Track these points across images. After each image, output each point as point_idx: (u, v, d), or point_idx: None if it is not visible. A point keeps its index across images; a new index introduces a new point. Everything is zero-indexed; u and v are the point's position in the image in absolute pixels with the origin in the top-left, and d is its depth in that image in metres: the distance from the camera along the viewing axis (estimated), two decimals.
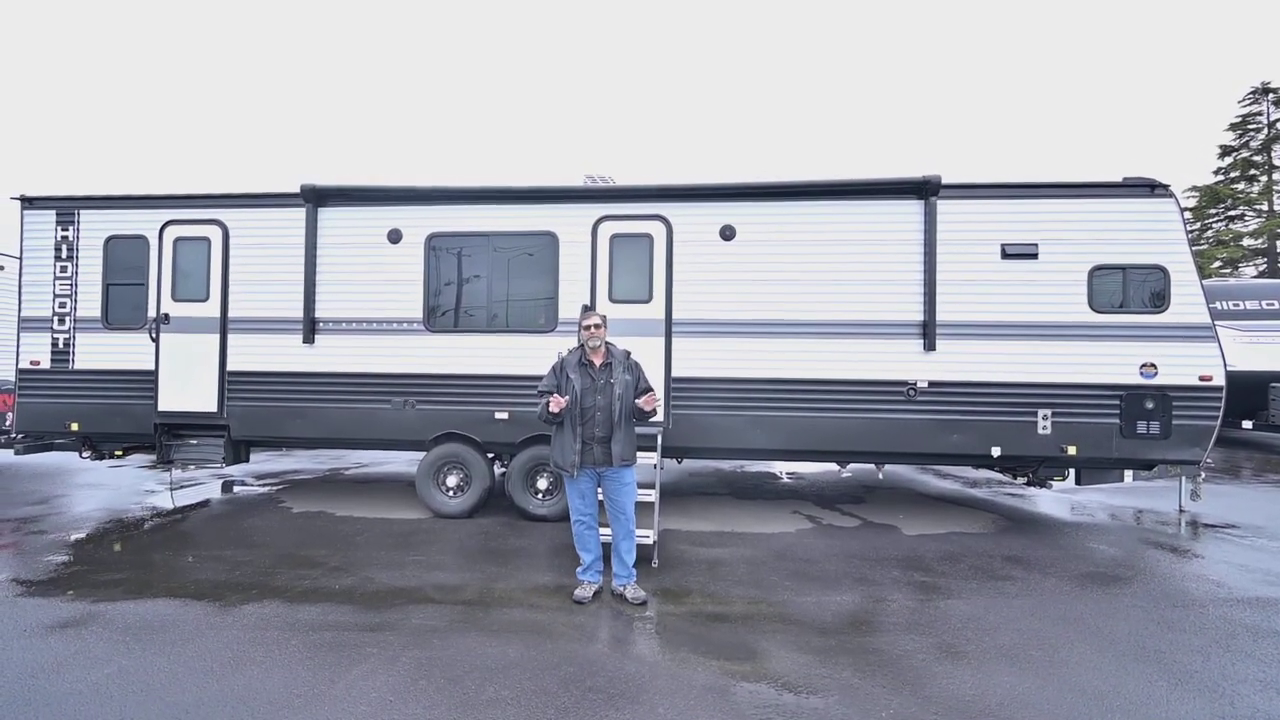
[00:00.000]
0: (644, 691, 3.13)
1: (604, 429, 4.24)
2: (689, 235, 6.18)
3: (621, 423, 4.24)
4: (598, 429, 4.24)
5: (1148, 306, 5.80)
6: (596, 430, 4.24)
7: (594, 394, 4.25)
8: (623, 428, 4.25)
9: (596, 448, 4.25)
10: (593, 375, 4.28)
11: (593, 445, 4.25)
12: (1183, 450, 5.78)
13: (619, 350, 4.44)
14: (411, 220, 6.44)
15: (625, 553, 4.38)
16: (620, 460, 4.25)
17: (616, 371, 4.29)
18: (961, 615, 4.14)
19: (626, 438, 4.28)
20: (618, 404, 4.22)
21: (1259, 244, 26.13)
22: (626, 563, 4.37)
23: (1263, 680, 3.35)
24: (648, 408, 4.23)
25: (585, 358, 4.34)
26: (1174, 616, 4.17)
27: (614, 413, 4.22)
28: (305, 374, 6.48)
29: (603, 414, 4.23)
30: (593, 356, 4.33)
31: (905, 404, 5.96)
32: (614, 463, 4.24)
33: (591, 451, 4.25)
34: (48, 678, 3.21)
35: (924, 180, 5.85)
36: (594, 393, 4.25)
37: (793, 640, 3.75)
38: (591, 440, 4.25)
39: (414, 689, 3.13)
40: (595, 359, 4.32)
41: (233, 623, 3.90)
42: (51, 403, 6.77)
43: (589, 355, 4.34)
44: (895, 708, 3.03)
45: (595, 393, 4.25)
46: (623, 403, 4.23)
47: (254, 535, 5.86)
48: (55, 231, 6.80)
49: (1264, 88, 25.91)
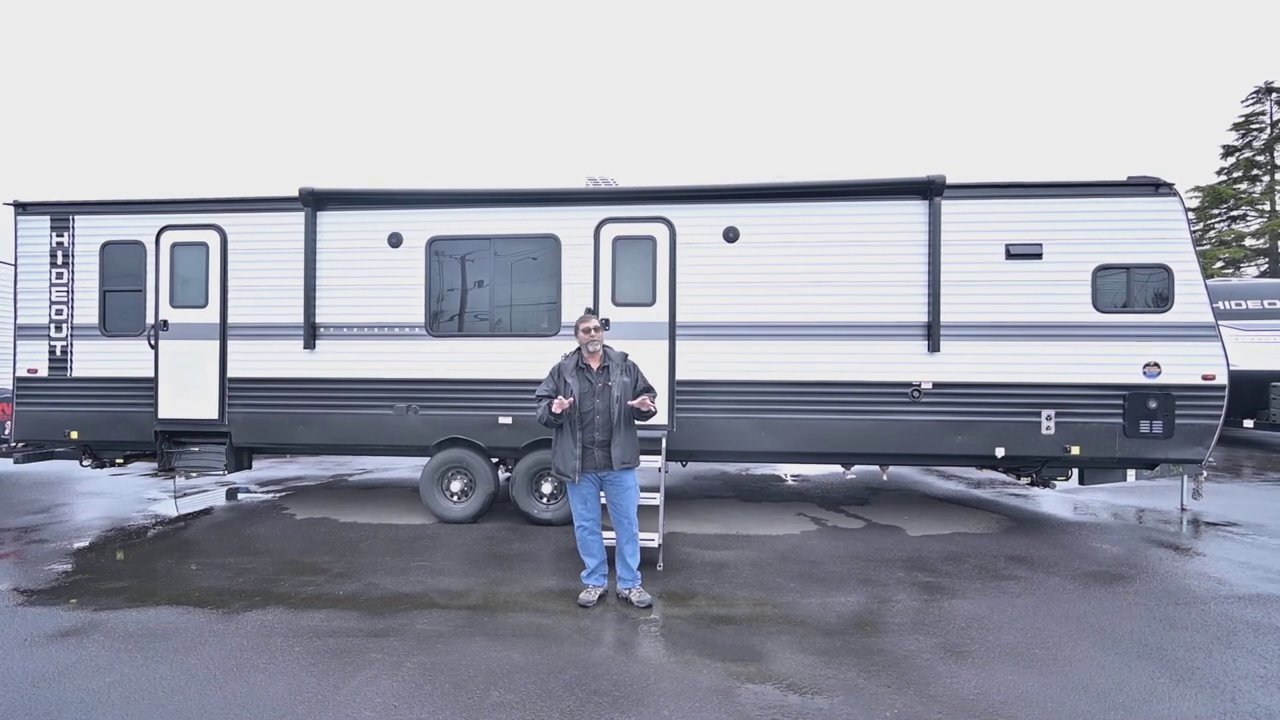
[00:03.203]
0: (649, 694, 3.13)
1: (603, 432, 4.22)
2: (692, 237, 6.18)
3: (620, 425, 4.23)
4: (597, 433, 4.22)
5: (1151, 306, 5.81)
6: (596, 434, 4.22)
7: (592, 397, 4.23)
8: (622, 430, 4.24)
9: (597, 451, 4.23)
10: (590, 379, 4.27)
11: (593, 449, 4.23)
12: (1185, 449, 5.77)
13: (616, 353, 4.44)
14: (412, 224, 6.44)
15: (629, 556, 4.37)
16: (621, 463, 4.23)
17: (614, 374, 4.29)
18: (965, 615, 4.14)
19: (626, 440, 4.27)
20: (616, 406, 4.21)
21: (1261, 244, 26.18)
22: (631, 566, 4.36)
23: (1264, 676, 3.35)
24: (643, 408, 4.21)
25: (582, 361, 4.33)
26: (1176, 614, 4.17)
27: (612, 415, 4.21)
28: (306, 380, 6.47)
29: (601, 417, 4.22)
30: (590, 360, 4.32)
31: (909, 406, 5.96)
32: (614, 466, 4.22)
33: (592, 456, 4.23)
34: (49, 686, 3.20)
35: (928, 180, 5.85)
36: (592, 396, 4.23)
37: (798, 641, 3.74)
38: (591, 444, 4.23)
39: (418, 694, 3.12)
40: (593, 362, 4.32)
41: (236, 630, 3.89)
42: (50, 411, 6.76)
43: (586, 359, 4.33)
44: (900, 707, 3.03)
45: (593, 396, 4.23)
46: (621, 405, 4.22)
47: (257, 542, 5.85)
48: (50, 237, 6.77)
49: (1267, 87, 25.97)
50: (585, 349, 4.33)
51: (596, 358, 4.33)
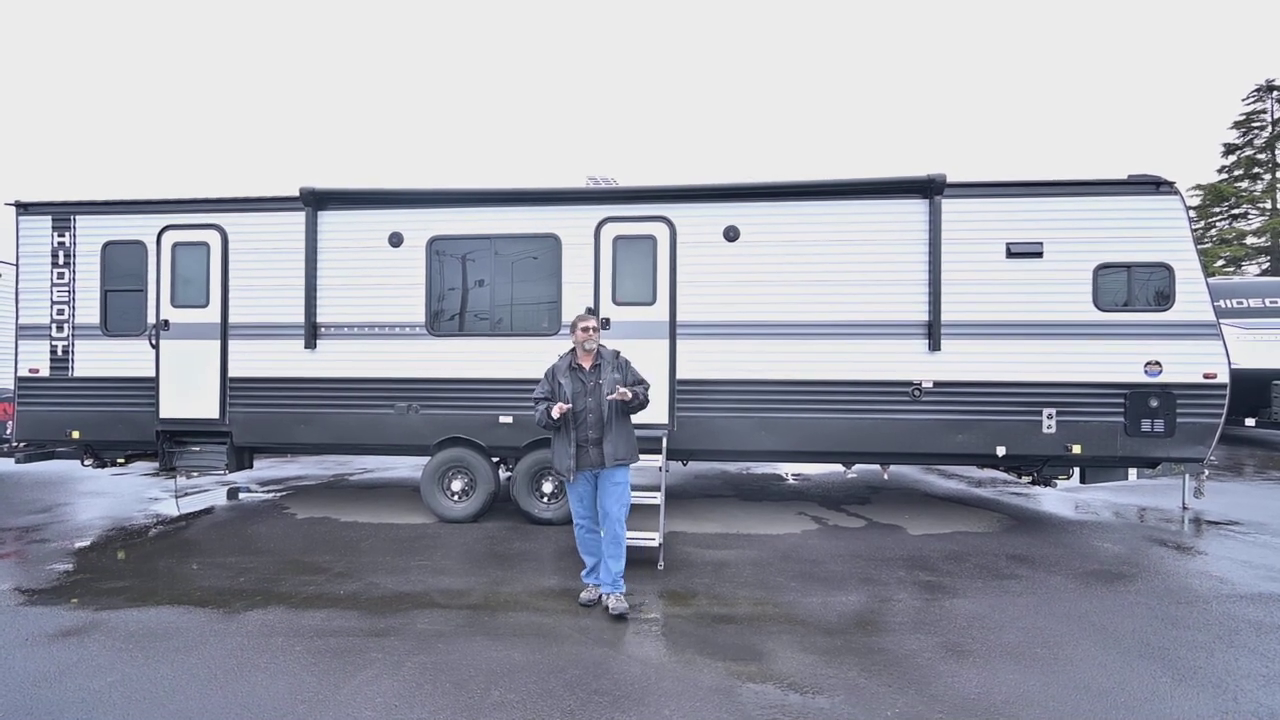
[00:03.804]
0: (650, 693, 3.13)
1: (595, 430, 4.22)
2: (693, 236, 6.18)
3: (612, 422, 4.22)
4: (590, 431, 4.22)
5: (1153, 304, 5.80)
6: (589, 432, 4.22)
7: (584, 396, 4.23)
8: (614, 427, 4.22)
9: (591, 449, 4.22)
10: (582, 378, 4.27)
11: (587, 448, 4.22)
12: (1187, 448, 5.77)
13: (608, 351, 4.44)
14: (412, 223, 6.44)
15: (610, 558, 4.24)
16: (614, 460, 4.20)
17: (605, 371, 4.29)
18: (966, 614, 4.14)
19: (618, 436, 4.24)
20: (607, 404, 4.21)
21: (1262, 242, 26.10)
22: (611, 569, 4.23)
23: (1266, 675, 3.35)
24: (621, 399, 4.13)
25: (575, 361, 4.34)
26: (1177, 613, 4.17)
27: (604, 412, 4.21)
28: (307, 379, 6.47)
29: (593, 415, 4.22)
30: (583, 360, 4.32)
31: (910, 404, 5.95)
32: (607, 463, 4.21)
33: (586, 454, 4.23)
34: (50, 686, 3.21)
35: (929, 179, 5.85)
36: (584, 395, 4.23)
37: (798, 641, 3.74)
38: (585, 443, 4.22)
39: (419, 693, 3.12)
40: (585, 362, 4.32)
41: (236, 629, 3.89)
42: (51, 411, 6.76)
43: (579, 359, 4.34)
44: (901, 707, 3.02)
45: (585, 395, 4.23)
46: (613, 403, 4.21)
47: (258, 541, 5.85)
48: (51, 238, 6.78)
49: (1268, 85, 25.88)
50: (580, 348, 4.33)
51: (589, 357, 4.33)
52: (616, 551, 4.25)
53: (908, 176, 5.96)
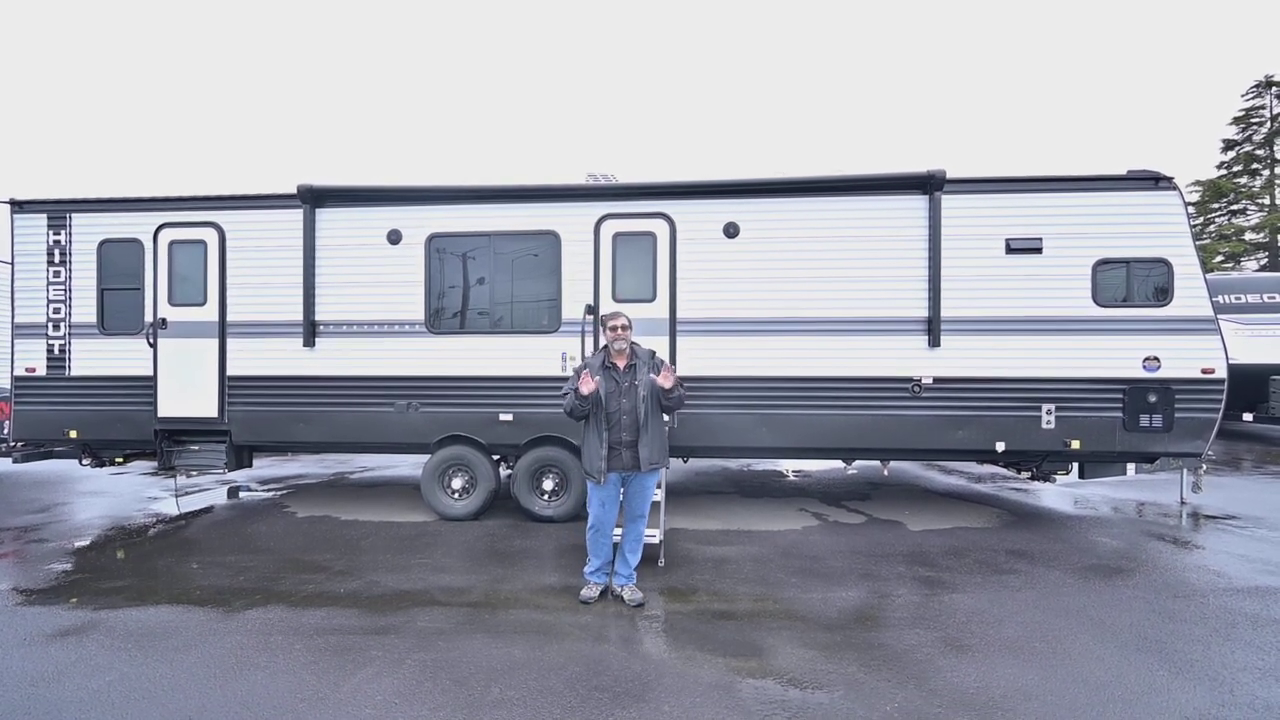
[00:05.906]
0: (650, 690, 3.13)
1: (630, 433, 4.13)
2: (692, 233, 6.16)
3: (648, 424, 4.14)
4: (624, 433, 4.13)
5: (1151, 300, 5.80)
6: (623, 434, 4.13)
7: (619, 397, 4.14)
8: (649, 429, 4.14)
9: (624, 452, 4.14)
10: (616, 378, 4.17)
11: (620, 450, 4.14)
12: (1185, 443, 5.78)
13: (644, 350, 4.35)
14: (411, 221, 6.42)
15: (630, 553, 4.36)
16: (649, 464, 4.14)
17: (640, 372, 4.19)
18: (966, 609, 4.15)
19: (654, 439, 4.17)
20: (643, 406, 4.12)
21: (1261, 238, 26.14)
22: (630, 564, 4.35)
23: (1262, 668, 3.36)
24: (667, 384, 4.02)
25: (609, 360, 4.24)
26: (1175, 607, 4.18)
27: (639, 414, 4.13)
28: (306, 378, 6.45)
29: (628, 417, 4.13)
30: (616, 359, 4.22)
31: (910, 400, 5.95)
32: (641, 467, 4.14)
33: (619, 456, 4.15)
34: (49, 685, 3.20)
35: (928, 175, 5.84)
36: (619, 395, 4.14)
37: (798, 636, 3.75)
38: (619, 444, 4.14)
39: (420, 691, 3.12)
40: (619, 361, 4.21)
41: (236, 628, 3.89)
42: (49, 410, 6.74)
43: (613, 358, 4.23)
44: (900, 701, 3.03)
45: (620, 395, 4.14)
46: (648, 404, 4.13)
47: (258, 540, 5.85)
48: (47, 236, 6.74)
49: (1267, 81, 25.87)
50: (612, 347, 4.24)
51: (623, 356, 4.23)
52: (636, 547, 4.35)
53: (907, 172, 5.95)
